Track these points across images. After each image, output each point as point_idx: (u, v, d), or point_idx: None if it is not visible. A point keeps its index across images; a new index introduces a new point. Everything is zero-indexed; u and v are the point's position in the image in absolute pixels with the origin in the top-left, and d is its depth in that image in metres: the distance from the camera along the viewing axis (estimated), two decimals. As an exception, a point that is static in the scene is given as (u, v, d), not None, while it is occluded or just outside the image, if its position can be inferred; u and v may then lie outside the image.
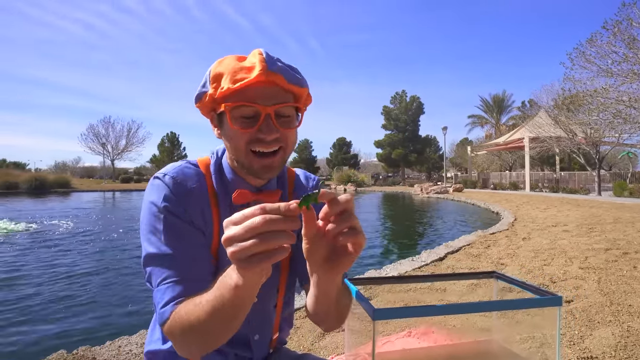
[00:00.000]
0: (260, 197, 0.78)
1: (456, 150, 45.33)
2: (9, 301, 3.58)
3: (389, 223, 10.66)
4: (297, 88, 0.71)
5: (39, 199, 18.83)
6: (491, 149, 27.30)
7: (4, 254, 5.70)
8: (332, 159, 52.11)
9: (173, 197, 0.71)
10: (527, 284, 1.54)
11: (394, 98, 43.21)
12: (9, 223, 8.99)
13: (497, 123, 40.41)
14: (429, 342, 1.97)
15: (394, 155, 41.47)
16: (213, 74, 0.69)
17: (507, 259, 4.34)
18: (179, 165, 0.77)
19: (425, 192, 21.64)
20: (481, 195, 17.81)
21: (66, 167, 54.09)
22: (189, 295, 0.65)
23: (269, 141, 0.70)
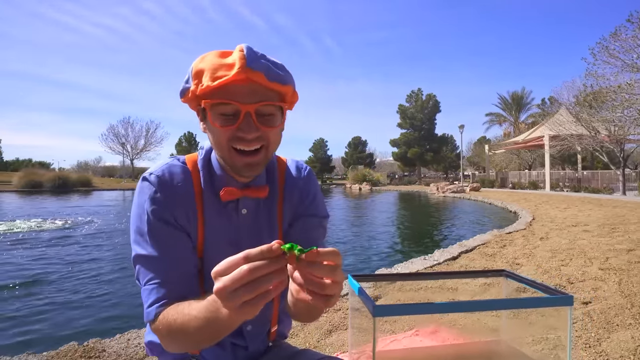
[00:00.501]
0: (247, 192, 0.78)
1: (473, 149, 44.54)
2: (27, 294, 3.69)
3: (403, 222, 10.55)
4: (279, 86, 0.69)
5: (62, 197, 19.40)
6: (510, 147, 26.71)
7: (28, 251, 5.89)
8: (348, 158, 51.95)
9: (158, 198, 0.72)
10: (537, 282, 1.48)
11: (410, 96, 42.78)
12: (37, 221, 9.29)
13: (516, 121, 39.50)
14: (436, 342, 1.93)
15: (409, 154, 41.07)
16: (195, 70, 0.69)
17: (523, 259, 4.23)
18: (166, 163, 0.78)
19: (442, 191, 21.35)
20: (499, 195, 17.45)
21: (88, 167, 55.61)
22: (172, 296, 0.69)
23: (249, 139, 0.69)
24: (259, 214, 0.82)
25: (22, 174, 25.68)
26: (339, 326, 2.33)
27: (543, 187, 21.48)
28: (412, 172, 45.91)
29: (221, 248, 0.77)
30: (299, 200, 0.87)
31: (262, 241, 0.77)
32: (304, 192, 0.88)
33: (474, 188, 21.51)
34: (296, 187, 0.88)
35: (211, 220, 0.77)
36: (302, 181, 0.90)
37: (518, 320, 2.23)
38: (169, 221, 0.72)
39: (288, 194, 0.87)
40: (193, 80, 0.69)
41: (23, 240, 6.72)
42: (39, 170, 29.59)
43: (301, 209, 0.87)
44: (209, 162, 0.80)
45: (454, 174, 44.94)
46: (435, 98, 42.08)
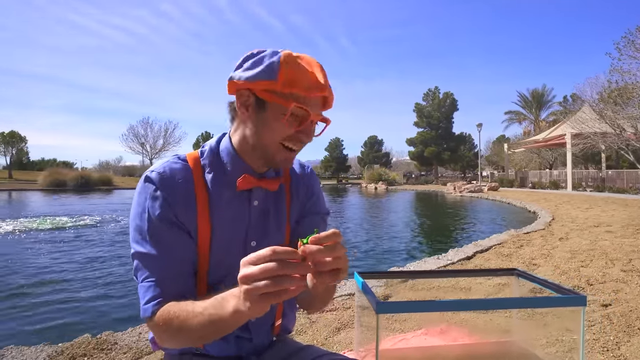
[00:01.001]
0: (262, 183, 0.81)
1: (492, 148, 43.67)
2: (50, 288, 3.81)
3: (418, 221, 10.43)
4: (332, 104, 0.79)
5: (84, 195, 19.97)
6: (530, 146, 26.07)
7: (56, 246, 6.08)
8: (364, 157, 51.72)
9: (158, 196, 0.73)
10: (549, 282, 1.44)
11: (427, 95, 42.25)
12: (65, 218, 9.59)
13: (537, 119, 38.49)
14: (445, 341, 1.89)
15: (426, 153, 40.58)
16: (288, 74, 0.71)
17: (540, 259, 4.12)
18: (167, 161, 0.79)
19: (459, 191, 21.02)
20: (518, 194, 17.06)
21: (109, 166, 57.04)
22: (168, 295, 0.71)
23: (305, 143, 0.77)
24: (268, 207, 0.84)
25: (47, 173, 26.54)
26: (347, 324, 2.32)
27: (565, 187, 20.88)
28: (429, 171, 45.36)
29: (230, 239, 0.79)
30: (305, 198, 0.90)
31: (270, 234, 0.84)
32: (309, 189, 0.92)
33: (492, 187, 21.09)
34: (301, 184, 0.91)
35: (220, 212, 0.78)
36: (306, 178, 0.92)
37: (530, 321, 2.16)
38: (169, 220, 0.73)
39: (294, 190, 0.89)
40: (280, 78, 0.71)
41: (53, 236, 6.94)
42: (63, 169, 30.53)
43: (308, 205, 0.90)
44: (217, 155, 0.81)
45: (472, 174, 44.18)
46: (453, 96, 41.44)
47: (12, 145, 36.61)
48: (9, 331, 2.79)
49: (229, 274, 0.79)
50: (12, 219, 9.47)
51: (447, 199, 18.61)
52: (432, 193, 23.58)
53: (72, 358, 1.86)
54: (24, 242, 6.40)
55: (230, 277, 0.78)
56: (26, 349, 1.95)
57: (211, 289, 0.78)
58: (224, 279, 0.79)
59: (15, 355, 1.88)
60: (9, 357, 1.87)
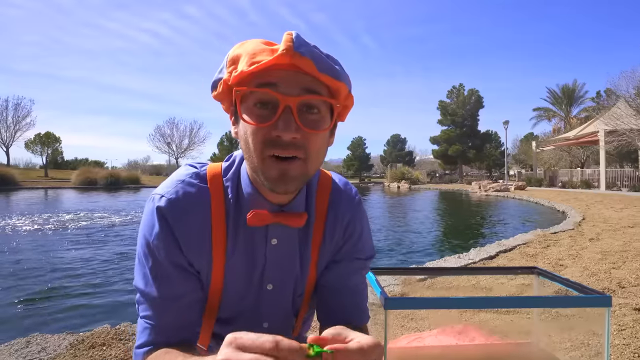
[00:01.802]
0: (280, 219, 0.63)
1: (520, 146, 42.32)
2: (77, 280, 3.96)
3: (440, 220, 10.22)
4: (331, 80, 0.56)
5: (113, 193, 20.68)
6: (560, 144, 25.09)
7: (90, 238, 6.33)
8: (386, 156, 51.25)
9: (166, 231, 0.61)
10: (571, 281, 1.37)
11: (451, 92, 41.42)
12: (101, 214, 9.98)
13: (567, 116, 36.99)
14: (462, 341, 1.83)
15: (450, 152, 39.78)
16: (231, 57, 0.57)
17: (568, 260, 3.95)
18: (182, 181, 0.64)
19: (484, 190, 20.48)
20: (546, 194, 16.45)
21: (137, 165, 58.80)
22: (163, 341, 0.61)
23: (285, 142, 0.55)
24: (292, 247, 0.68)
25: (79, 172, 27.61)
26: (362, 321, 2.29)
27: (597, 186, 19.98)
28: (453, 170, 44.44)
29: (242, 281, 0.68)
30: (343, 238, 0.72)
31: (289, 279, 0.70)
32: (351, 227, 0.72)
33: (519, 187, 20.42)
34: (343, 219, 0.71)
35: (236, 248, 0.65)
36: (351, 213, 0.72)
37: (553, 323, 2.06)
38: (175, 262, 0.62)
39: (331, 227, 0.71)
40: (227, 68, 0.57)
41: (82, 231, 7.23)
42: (94, 168, 31.68)
43: (345, 248, 0.72)
44: (238, 178, 0.67)
45: (498, 173, 42.96)
46: (478, 93, 40.45)
47: (48, 146, 38.32)
48: (34, 320, 2.92)
49: (239, 315, 0.71)
50: (47, 214, 9.91)
51: (471, 198, 18.18)
52: (456, 192, 23.08)
53: (92, 347, 1.92)
54: (54, 236, 6.68)
55: (241, 318, 0.72)
56: (50, 337, 2.03)
57: (219, 324, 0.72)
58: (234, 319, 0.71)
59: (40, 342, 1.96)
60: (34, 344, 1.94)
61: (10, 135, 36.18)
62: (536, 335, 1.62)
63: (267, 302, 0.71)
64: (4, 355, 1.82)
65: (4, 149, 36.32)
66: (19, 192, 20.08)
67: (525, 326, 2.14)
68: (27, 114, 36.53)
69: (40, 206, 12.91)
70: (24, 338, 2.01)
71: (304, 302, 0.75)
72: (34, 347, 1.92)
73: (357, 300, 0.73)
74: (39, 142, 37.27)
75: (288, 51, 0.52)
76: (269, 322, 0.73)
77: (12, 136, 36.28)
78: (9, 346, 1.92)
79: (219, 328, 0.73)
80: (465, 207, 14.29)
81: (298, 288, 0.72)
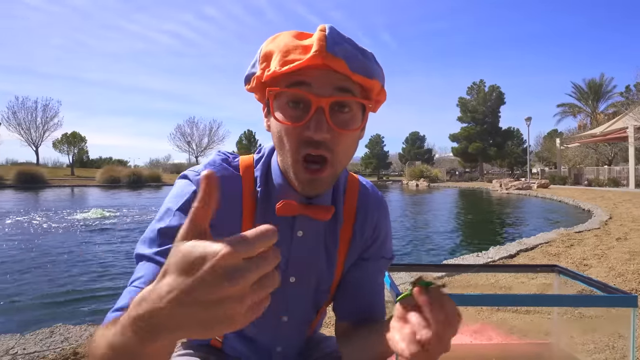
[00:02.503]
0: (308, 211, 0.64)
1: (543, 144, 41.10)
2: (101, 272, 4.09)
3: (459, 218, 10.04)
4: (364, 78, 0.56)
5: (136, 191, 21.21)
6: (586, 140, 24.25)
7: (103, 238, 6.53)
8: (405, 154, 50.72)
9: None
10: (594, 280, 1.32)
11: (471, 88, 40.61)
12: (119, 211, 10.28)
13: (594, 112, 35.70)
14: (479, 340, 1.80)
15: (470, 149, 39.03)
16: (263, 52, 0.58)
17: (592, 260, 3.81)
18: (217, 164, 0.66)
19: (505, 188, 20.01)
20: (571, 192, 15.94)
21: (159, 164, 60.18)
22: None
23: (316, 140, 0.56)
24: (318, 241, 0.70)
25: (103, 170, 28.46)
26: (377, 319, 2.27)
27: (626, 184, 19.24)
28: (473, 168, 43.61)
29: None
30: (372, 237, 0.74)
31: (312, 275, 0.71)
32: (379, 227, 0.75)
33: (542, 185, 19.86)
34: (371, 222, 0.73)
35: None
36: (379, 213, 0.75)
37: (576, 324, 1.99)
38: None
39: (360, 226, 0.72)
40: (260, 64, 0.58)
41: (105, 226, 7.46)
42: (118, 167, 32.62)
43: (373, 248, 0.75)
44: (268, 168, 0.68)
45: (520, 170, 41.90)
46: (499, 89, 39.53)
47: (74, 145, 39.67)
48: (58, 310, 3.04)
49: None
50: (73, 210, 10.26)
51: (492, 196, 17.79)
52: (477, 190, 22.63)
53: (111, 338, 1.97)
54: (79, 231, 6.91)
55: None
56: (72, 328, 2.09)
57: None
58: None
59: (63, 333, 2.03)
60: (58, 334, 2.01)
61: (39, 136, 37.65)
62: (557, 336, 1.57)
63: (288, 295, 0.71)
64: (30, 344, 1.89)
65: (34, 148, 37.82)
66: (47, 190, 20.85)
67: (545, 326, 2.08)
68: (55, 115, 37.96)
69: (66, 203, 13.37)
70: (48, 328, 2.08)
71: (328, 298, 0.75)
72: (57, 337, 1.98)
73: (379, 298, 0.75)
74: (66, 141, 38.62)
75: (320, 52, 0.52)
76: (288, 316, 0.73)
77: (41, 136, 37.75)
78: (34, 335, 1.99)
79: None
80: (486, 205, 14.00)
81: (322, 283, 0.72)
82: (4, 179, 23.47)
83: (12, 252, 5.24)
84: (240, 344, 0.76)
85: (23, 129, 36.65)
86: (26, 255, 5.07)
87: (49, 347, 1.87)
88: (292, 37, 0.57)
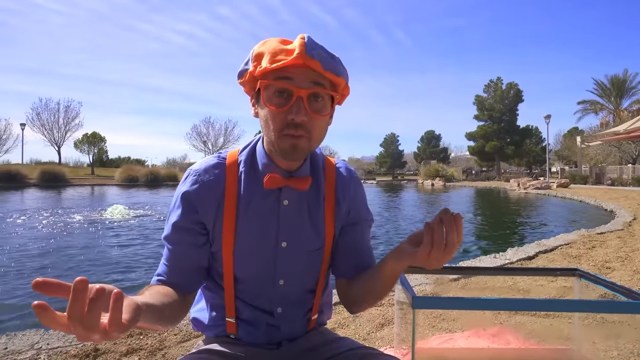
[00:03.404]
0: (290, 182, 0.79)
1: (563, 142, 40.10)
2: (124, 269, 4.19)
3: (475, 219, 9.88)
4: (333, 76, 0.73)
5: (154, 190, 21.61)
6: (608, 138, 23.51)
7: (126, 235, 6.67)
8: (420, 153, 50.24)
9: (188, 194, 0.79)
10: (618, 285, 1.28)
11: (488, 86, 39.86)
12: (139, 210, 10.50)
13: (617, 109, 34.56)
14: (496, 344, 1.77)
15: (487, 148, 38.33)
16: (255, 53, 0.73)
17: (616, 263, 3.70)
18: (206, 161, 0.82)
19: (523, 188, 19.60)
20: (592, 192, 15.51)
21: (175, 163, 61.06)
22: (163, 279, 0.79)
23: (297, 123, 0.71)
24: (302, 208, 0.82)
25: (122, 169, 29.04)
26: (391, 320, 2.26)
27: (651, 183, 18.58)
28: (490, 167, 42.85)
29: (256, 239, 0.80)
30: (353, 205, 0.89)
31: (303, 236, 0.83)
32: (356, 194, 0.90)
33: (562, 184, 19.38)
34: (349, 189, 0.89)
35: (247, 211, 0.79)
36: (353, 183, 0.90)
37: (598, 329, 1.94)
38: (189, 224, 0.79)
39: (340, 194, 0.87)
40: (252, 62, 0.73)
41: (126, 224, 7.63)
42: (136, 166, 33.22)
43: (355, 213, 0.89)
44: (253, 152, 0.83)
45: (539, 169, 40.97)
46: (517, 87, 38.66)
47: (94, 145, 40.57)
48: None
49: (258, 272, 0.82)
50: (94, 208, 10.53)
51: (509, 196, 17.46)
52: (494, 190, 22.24)
53: (130, 335, 2.02)
54: (99, 229, 7.08)
55: (259, 274, 0.83)
56: (93, 325, 2.15)
57: (238, 282, 0.83)
58: (252, 275, 0.82)
59: (84, 330, 2.08)
60: (79, 332, 2.07)
61: (62, 136, 38.66)
62: (578, 342, 1.53)
63: (282, 259, 0.82)
64: (53, 339, 1.95)
65: (56, 148, 38.87)
66: (68, 189, 21.44)
67: (566, 331, 2.02)
68: (76, 116, 38.89)
69: (87, 201, 13.73)
70: (70, 325, 2.14)
71: (323, 259, 0.86)
72: (79, 333, 2.04)
73: (369, 252, 0.90)
74: (86, 141, 39.54)
75: (301, 54, 0.68)
76: (284, 279, 0.84)
77: (63, 136, 38.74)
78: (57, 331, 2.05)
79: (238, 288, 0.83)
80: (503, 205, 13.75)
81: (310, 245, 0.83)
82: (28, 177, 24.22)
83: (36, 249, 5.42)
84: (247, 314, 0.84)
85: (46, 129, 37.74)
86: (50, 251, 5.23)
87: (71, 343, 1.92)
88: (278, 42, 0.73)
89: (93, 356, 1.81)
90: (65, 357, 1.80)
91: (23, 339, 1.95)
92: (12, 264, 4.52)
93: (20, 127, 34.51)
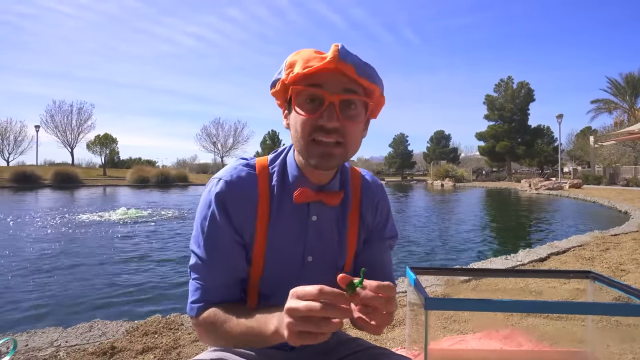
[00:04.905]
0: (321, 196, 0.77)
1: (575, 142, 39.49)
2: (135, 270, 4.26)
3: (485, 219, 9.80)
4: (367, 82, 0.70)
5: (164, 190, 21.84)
6: (622, 138, 23.09)
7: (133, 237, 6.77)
8: (430, 153, 49.92)
9: (221, 208, 0.74)
10: (632, 287, 1.27)
11: (499, 85, 39.47)
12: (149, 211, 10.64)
13: (632, 107, 33.91)
14: (508, 346, 1.76)
15: (498, 148, 37.92)
16: (289, 62, 0.72)
17: (630, 265, 3.65)
18: (236, 167, 0.78)
19: (534, 188, 19.35)
20: (606, 193, 15.24)
21: (185, 164, 61.69)
22: (212, 299, 0.74)
23: (328, 129, 0.68)
24: (329, 224, 0.81)
25: (133, 170, 29.42)
26: (403, 321, 2.26)
27: (667, 184, 18.19)
28: (501, 167, 42.38)
29: (284, 253, 0.78)
30: (375, 219, 0.86)
31: (328, 252, 0.82)
32: (381, 210, 0.87)
33: (575, 185, 19.09)
34: (374, 203, 0.86)
35: (278, 225, 0.77)
36: (379, 197, 0.87)
37: (611, 332, 1.93)
38: (226, 234, 0.74)
39: (365, 209, 0.85)
40: (285, 71, 0.71)
41: (138, 225, 7.74)
42: (146, 167, 33.63)
43: (378, 228, 0.87)
44: (284, 165, 0.80)
45: (551, 170, 40.39)
46: (529, 86, 38.21)
47: (106, 146, 41.15)
48: (95, 305, 3.21)
49: (281, 286, 0.77)
50: (105, 208, 10.69)
51: (520, 196, 17.25)
52: (504, 190, 21.99)
53: (145, 334, 2.06)
54: (112, 229, 7.19)
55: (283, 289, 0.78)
56: (109, 323, 2.20)
57: (262, 297, 0.80)
58: (276, 290, 0.79)
59: (101, 327, 2.14)
60: (96, 329, 2.12)
61: (75, 137, 39.45)
62: (591, 344, 1.52)
63: (307, 274, 0.80)
64: (71, 337, 2.01)
65: (69, 149, 39.65)
66: (81, 189, 21.79)
67: (579, 334, 2.00)
68: (89, 118, 39.68)
69: (99, 201, 13.95)
70: (87, 323, 2.20)
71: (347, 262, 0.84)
72: (96, 331, 2.09)
73: (389, 270, 0.89)
74: (98, 143, 40.11)
75: (334, 58, 0.66)
76: None
77: (76, 138, 39.54)
78: (75, 329, 2.11)
79: (263, 297, 0.81)
80: (514, 206, 13.60)
81: (337, 261, 0.82)
82: (42, 178, 24.69)
83: (53, 250, 5.53)
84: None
85: (60, 131, 38.54)
86: (66, 252, 5.33)
87: (89, 341, 1.97)
88: (312, 51, 0.71)
89: (110, 354, 1.86)
90: (83, 354, 1.84)
91: (43, 337, 2.00)
92: (27, 264, 4.63)
93: (34, 129, 35.31)
